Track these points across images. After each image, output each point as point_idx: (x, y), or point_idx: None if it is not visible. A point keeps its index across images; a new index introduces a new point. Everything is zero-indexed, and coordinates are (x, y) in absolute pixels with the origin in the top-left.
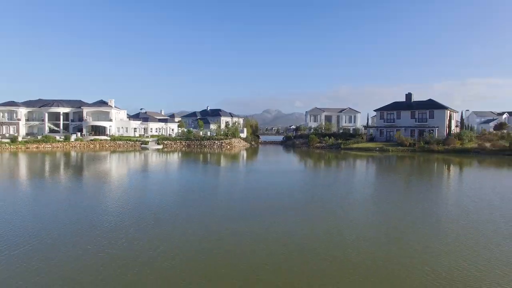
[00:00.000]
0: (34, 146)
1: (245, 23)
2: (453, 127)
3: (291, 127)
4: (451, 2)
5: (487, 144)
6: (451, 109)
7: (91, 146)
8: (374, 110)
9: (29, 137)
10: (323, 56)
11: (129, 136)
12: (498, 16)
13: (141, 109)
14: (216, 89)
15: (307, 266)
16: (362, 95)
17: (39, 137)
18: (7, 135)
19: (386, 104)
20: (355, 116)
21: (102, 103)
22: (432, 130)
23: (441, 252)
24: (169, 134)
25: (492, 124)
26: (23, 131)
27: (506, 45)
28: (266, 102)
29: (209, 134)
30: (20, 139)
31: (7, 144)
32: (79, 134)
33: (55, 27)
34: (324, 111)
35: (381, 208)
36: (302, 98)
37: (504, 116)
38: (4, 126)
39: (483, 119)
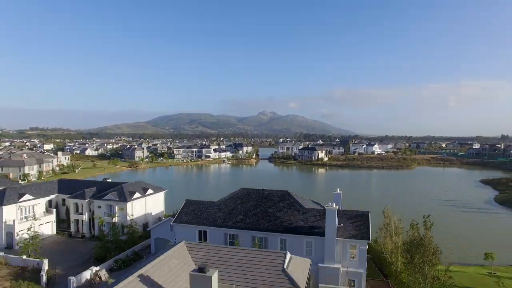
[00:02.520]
0: (196, 162)
1: (240, 25)
2: (321, 155)
3: (280, 140)
4: (447, 6)
5: (337, 162)
6: (319, 150)
7: (211, 161)
8: (297, 149)
9: (183, 159)
10: (318, 59)
11: (217, 158)
12: (494, 21)
13: (218, 145)
14: (213, 90)
15: None
16: (356, 96)
17: (190, 159)
18: (175, 159)
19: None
20: (299, 146)
21: (208, 147)
22: (312, 157)
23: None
24: (228, 157)
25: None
26: (182, 156)
27: (500, 49)
28: (262, 103)
29: (239, 156)
30: (185, 160)
31: (191, 161)
32: (201, 158)
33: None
34: (286, 144)
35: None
36: (297, 100)
37: (364, 146)
38: (176, 155)
39: (356, 147)
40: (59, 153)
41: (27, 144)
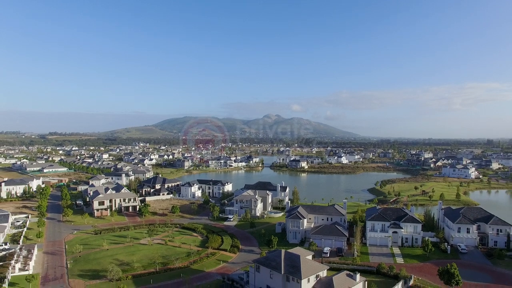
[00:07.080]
0: (224, 169)
1: (246, 28)
2: (303, 165)
3: (281, 149)
4: (448, 11)
5: (313, 168)
6: (302, 161)
7: (233, 168)
8: (289, 160)
9: (215, 167)
10: (323, 62)
11: (237, 166)
12: (497, 25)
13: (235, 156)
14: (218, 93)
15: None
16: (360, 99)
17: (219, 167)
18: (210, 167)
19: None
20: (290, 155)
21: (230, 159)
22: (297, 165)
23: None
24: (243, 165)
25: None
26: (214, 165)
27: (505, 52)
28: (267, 106)
29: (251, 165)
30: (216, 168)
31: (221, 168)
32: (226, 166)
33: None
34: (282, 156)
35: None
36: (302, 102)
37: (335, 157)
38: (210, 165)
39: (330, 158)
40: (145, 164)
41: (84, 154)
